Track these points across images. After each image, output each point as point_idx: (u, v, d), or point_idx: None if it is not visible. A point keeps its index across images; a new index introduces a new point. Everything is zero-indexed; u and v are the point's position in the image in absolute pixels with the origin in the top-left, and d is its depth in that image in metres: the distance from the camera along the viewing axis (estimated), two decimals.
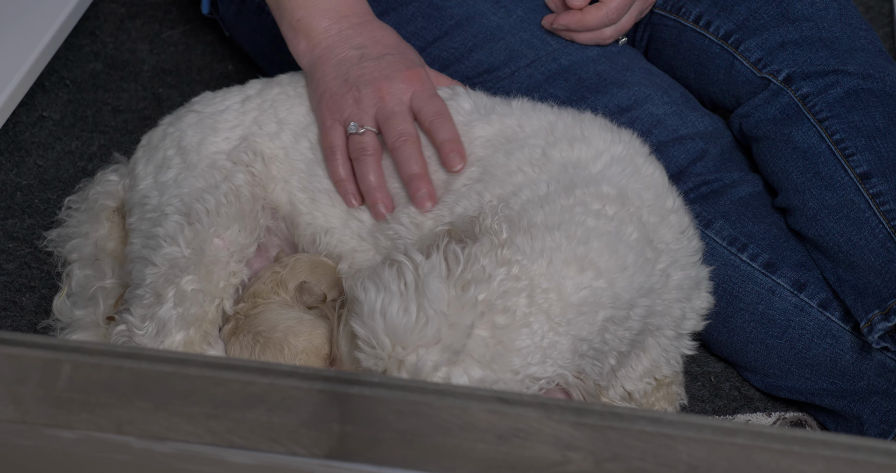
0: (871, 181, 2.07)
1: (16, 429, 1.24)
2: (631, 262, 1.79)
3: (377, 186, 1.99)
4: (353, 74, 2.03)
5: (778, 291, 2.11)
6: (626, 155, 1.93)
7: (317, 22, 2.09)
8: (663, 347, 1.92)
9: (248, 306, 2.03)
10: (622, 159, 1.91)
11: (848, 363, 2.09)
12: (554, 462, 1.19)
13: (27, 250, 2.39)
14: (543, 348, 1.71)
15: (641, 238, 1.83)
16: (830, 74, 2.15)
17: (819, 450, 1.17)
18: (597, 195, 1.84)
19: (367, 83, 2.01)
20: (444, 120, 1.97)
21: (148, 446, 1.23)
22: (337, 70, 2.05)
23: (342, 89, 2.03)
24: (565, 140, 1.92)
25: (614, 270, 1.77)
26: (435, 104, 1.99)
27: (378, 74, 2.01)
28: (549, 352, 1.71)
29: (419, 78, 2.02)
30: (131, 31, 2.87)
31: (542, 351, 1.71)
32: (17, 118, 2.63)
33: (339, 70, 2.04)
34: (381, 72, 2.02)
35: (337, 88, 2.03)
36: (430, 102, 1.99)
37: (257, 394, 1.23)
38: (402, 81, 2.01)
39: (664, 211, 1.89)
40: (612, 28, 2.22)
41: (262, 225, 2.07)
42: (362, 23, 2.10)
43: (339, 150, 2.02)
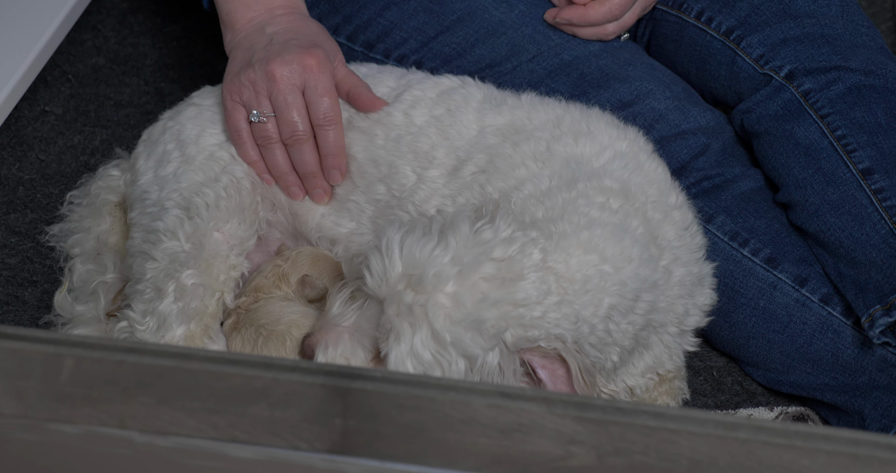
0: (873, 177, 2.07)
1: (18, 424, 1.24)
2: (636, 254, 1.80)
3: (287, 170, 2.05)
4: (256, 57, 2.05)
5: (779, 286, 2.11)
6: (630, 151, 1.93)
7: (241, 14, 2.13)
8: (666, 344, 1.92)
9: (250, 300, 2.03)
10: (625, 155, 1.92)
11: (849, 358, 2.09)
12: (556, 456, 1.19)
13: (29, 245, 2.40)
14: (545, 305, 1.72)
15: (646, 233, 1.83)
16: (832, 71, 2.15)
17: (821, 445, 1.17)
18: (600, 189, 1.85)
19: (262, 62, 2.02)
20: (332, 126, 2.01)
21: (150, 440, 1.23)
22: (244, 55, 2.07)
23: (242, 70, 2.05)
24: (570, 135, 1.93)
25: (619, 259, 1.78)
26: (325, 103, 2.01)
27: (274, 55, 2.03)
28: (549, 310, 1.72)
29: (316, 60, 2.02)
30: (133, 25, 2.87)
31: (542, 306, 1.72)
32: (20, 113, 2.63)
33: (246, 55, 2.07)
34: (276, 53, 2.03)
35: (238, 69, 2.06)
36: (321, 98, 2.01)
37: (259, 389, 1.23)
38: (296, 62, 2.02)
39: (667, 207, 1.90)
40: (614, 24, 2.22)
41: (261, 217, 2.07)
42: (286, 14, 2.12)
43: (244, 132, 2.06)
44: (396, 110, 2.04)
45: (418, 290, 1.70)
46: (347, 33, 2.32)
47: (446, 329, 1.69)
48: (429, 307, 1.69)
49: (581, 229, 1.79)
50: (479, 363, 1.70)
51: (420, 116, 2.02)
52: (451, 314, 1.70)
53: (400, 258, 1.73)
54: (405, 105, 2.04)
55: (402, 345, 1.71)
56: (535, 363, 1.74)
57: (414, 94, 2.05)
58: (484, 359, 1.70)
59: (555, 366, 1.74)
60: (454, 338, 1.69)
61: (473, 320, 1.69)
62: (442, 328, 1.69)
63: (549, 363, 1.74)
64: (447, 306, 1.70)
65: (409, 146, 2.01)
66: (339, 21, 2.33)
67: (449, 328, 1.69)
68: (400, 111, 2.04)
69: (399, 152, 2.02)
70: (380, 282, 1.74)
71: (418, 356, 1.70)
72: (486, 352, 1.70)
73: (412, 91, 2.06)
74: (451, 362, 1.70)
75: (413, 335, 1.70)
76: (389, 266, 1.73)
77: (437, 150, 1.99)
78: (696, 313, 1.93)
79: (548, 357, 1.74)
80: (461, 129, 1.99)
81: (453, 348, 1.69)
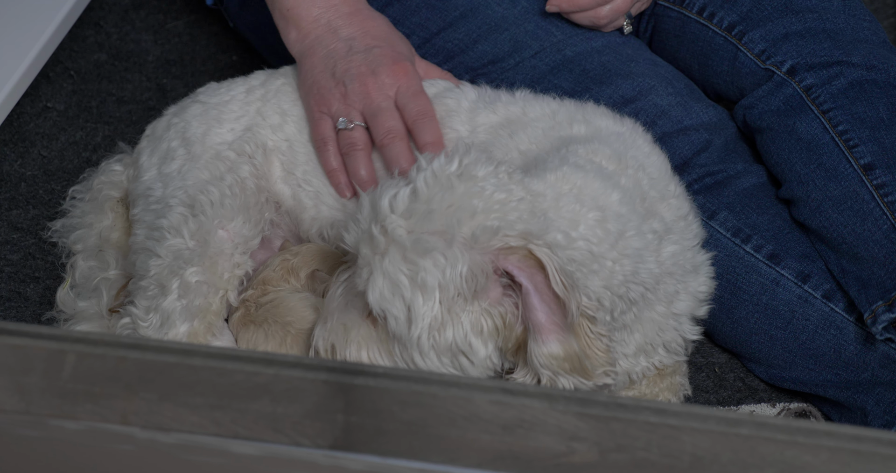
0: (875, 172, 2.07)
1: (20, 420, 1.24)
2: (617, 197, 1.79)
3: (368, 180, 2.02)
4: (339, 68, 2.04)
5: (782, 282, 2.11)
6: (630, 136, 1.94)
7: (306, 11, 2.10)
8: (657, 324, 1.91)
9: (258, 293, 2.02)
10: (623, 135, 1.93)
11: (852, 354, 2.09)
12: (558, 452, 1.19)
13: (31, 241, 2.40)
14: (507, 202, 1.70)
15: (635, 192, 1.83)
16: (834, 66, 2.15)
17: (823, 441, 1.17)
18: (593, 150, 1.86)
19: (353, 78, 2.02)
20: (427, 120, 1.99)
21: (152, 436, 1.23)
22: (325, 63, 2.05)
23: (329, 83, 2.04)
24: (566, 122, 1.94)
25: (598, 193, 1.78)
26: (419, 102, 2.01)
27: (364, 68, 2.02)
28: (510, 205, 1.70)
29: (405, 72, 2.03)
30: (136, 21, 2.87)
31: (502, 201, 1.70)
32: (22, 109, 2.63)
33: (327, 63, 2.05)
34: (367, 66, 2.03)
35: (325, 82, 2.04)
36: (414, 99, 2.01)
37: (262, 385, 1.23)
38: (387, 76, 2.02)
39: (666, 191, 1.90)
40: (607, 7, 2.21)
41: (266, 217, 2.07)
42: (352, 12, 2.10)
43: (330, 141, 2.04)
44: None
45: (378, 220, 1.71)
46: None
47: (406, 239, 1.68)
48: (388, 226, 1.69)
49: (562, 166, 1.79)
50: (448, 271, 1.68)
51: None
52: (409, 226, 1.69)
53: (369, 202, 1.73)
54: None
55: (374, 275, 1.71)
56: (510, 267, 1.69)
57: None
58: (452, 264, 1.67)
59: (532, 271, 1.69)
60: (413, 242, 1.68)
61: (425, 216, 1.69)
62: (403, 240, 1.68)
63: (526, 266, 1.69)
64: (406, 221, 1.69)
65: None
66: None
67: (408, 237, 1.69)
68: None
69: None
70: (355, 233, 1.75)
71: (392, 280, 1.70)
72: (447, 249, 1.68)
73: None
74: (421, 271, 1.68)
75: (383, 260, 1.70)
76: (361, 217, 1.74)
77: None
78: (687, 298, 1.92)
79: (522, 260, 1.69)
80: (452, 134, 1.99)
81: (416, 254, 1.68)
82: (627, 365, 1.93)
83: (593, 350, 1.72)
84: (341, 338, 1.80)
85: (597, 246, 1.75)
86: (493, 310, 1.72)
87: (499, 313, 1.72)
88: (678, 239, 1.88)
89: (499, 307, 1.72)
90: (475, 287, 1.69)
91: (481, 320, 1.72)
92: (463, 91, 2.04)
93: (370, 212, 1.73)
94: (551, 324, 1.68)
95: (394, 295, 1.70)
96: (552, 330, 1.68)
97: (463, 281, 1.68)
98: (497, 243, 1.69)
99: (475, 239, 1.69)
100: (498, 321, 1.72)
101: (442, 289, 1.69)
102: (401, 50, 2.07)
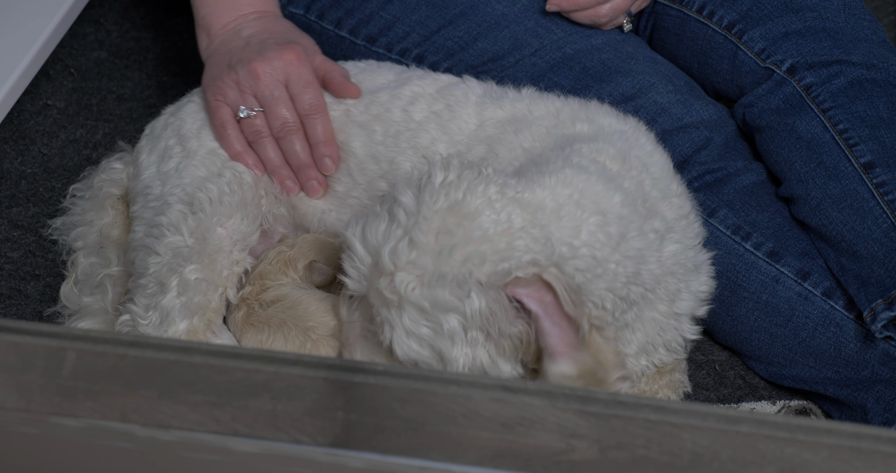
0: (875, 171, 2.07)
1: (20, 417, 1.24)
2: (619, 200, 1.79)
3: (280, 163, 2.07)
4: (234, 59, 2.07)
5: (782, 280, 2.11)
6: (633, 134, 1.94)
7: (217, 19, 2.16)
8: (659, 324, 1.91)
9: (257, 289, 2.02)
10: (626, 133, 1.93)
11: (851, 351, 2.09)
12: (558, 450, 1.19)
13: (32, 239, 2.40)
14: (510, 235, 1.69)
15: (637, 194, 1.83)
16: (834, 65, 2.15)
17: (823, 439, 1.17)
18: (596, 150, 1.85)
19: (244, 64, 2.05)
20: (318, 115, 2.03)
21: (152, 434, 1.23)
22: (224, 59, 2.09)
23: (224, 73, 2.07)
24: (569, 120, 1.94)
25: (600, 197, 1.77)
26: (309, 94, 2.03)
27: (254, 54, 2.05)
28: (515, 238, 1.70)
29: (295, 54, 2.04)
30: (136, 19, 2.87)
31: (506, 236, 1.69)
32: (22, 107, 2.63)
33: (225, 59, 2.09)
34: (257, 52, 2.06)
35: (219, 72, 2.08)
36: (304, 90, 2.04)
37: (262, 382, 1.23)
38: (276, 59, 2.04)
39: (668, 191, 1.90)
40: (608, 6, 2.21)
41: (265, 212, 2.07)
42: (259, 17, 2.15)
43: (229, 125, 2.07)
44: (395, 106, 2.05)
45: (385, 273, 1.70)
46: (350, 27, 2.32)
47: (422, 297, 1.69)
48: (398, 285, 1.69)
49: (563, 168, 1.79)
50: (468, 312, 1.68)
51: (419, 111, 2.03)
52: (419, 281, 1.69)
53: (365, 251, 1.73)
54: (403, 101, 2.05)
55: (396, 331, 1.71)
56: (520, 295, 1.70)
57: (413, 89, 2.06)
58: (470, 307, 1.68)
59: (541, 293, 1.69)
60: (431, 301, 1.68)
61: (439, 276, 1.68)
62: (417, 298, 1.69)
63: (534, 292, 1.69)
64: (413, 275, 1.69)
65: (408, 142, 2.02)
66: (341, 15, 2.33)
67: (423, 294, 1.69)
68: (398, 107, 2.04)
69: (399, 148, 2.02)
70: (358, 280, 1.75)
71: (415, 334, 1.71)
72: (466, 299, 1.68)
73: (411, 87, 2.06)
74: (444, 323, 1.69)
75: (400, 317, 1.70)
76: (359, 262, 1.74)
77: (437, 144, 1.99)
78: (689, 298, 1.92)
79: (530, 286, 1.70)
80: (461, 123, 1.99)
81: (436, 310, 1.69)
82: (629, 365, 1.94)
83: (606, 357, 1.72)
84: None
85: (599, 251, 1.75)
86: (510, 331, 1.72)
87: (514, 333, 1.72)
88: (680, 238, 1.88)
89: (514, 329, 1.72)
90: (497, 323, 1.71)
91: (502, 343, 1.73)
92: (469, 85, 2.04)
93: (368, 257, 1.73)
94: (563, 346, 1.69)
95: (421, 347, 1.72)
96: (564, 352, 1.69)
97: (483, 319, 1.70)
98: (508, 279, 1.70)
99: (490, 285, 1.69)
100: (515, 341, 1.73)
101: (465, 330, 1.70)
102: (296, 39, 2.09)
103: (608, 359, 1.72)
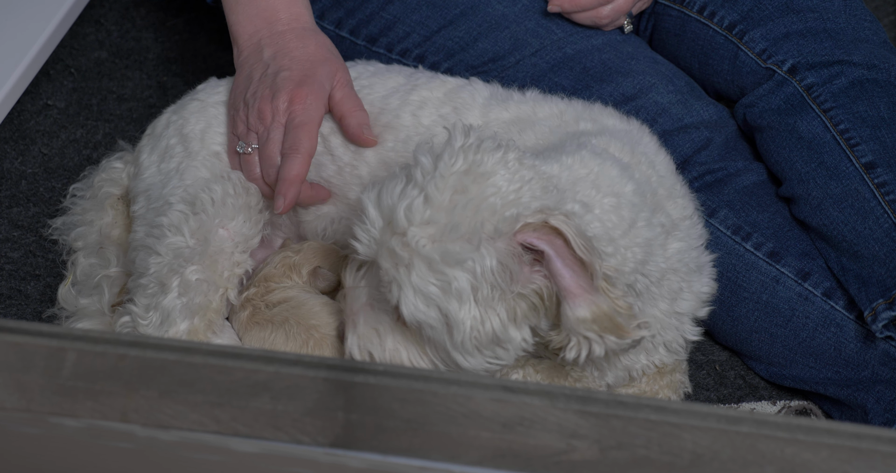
0: (876, 171, 2.07)
1: (21, 418, 1.24)
2: (631, 188, 1.79)
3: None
4: (250, 92, 2.06)
5: (782, 280, 2.11)
6: (637, 134, 1.95)
7: (243, 28, 2.13)
8: (660, 322, 1.91)
9: (262, 290, 2.02)
10: (631, 133, 1.94)
11: (852, 352, 2.09)
12: (558, 450, 1.19)
13: (32, 239, 2.40)
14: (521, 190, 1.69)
15: (646, 185, 1.83)
16: (835, 65, 2.15)
17: (823, 439, 1.17)
18: (605, 142, 1.85)
19: (256, 101, 2.05)
20: (294, 156, 2.00)
21: (152, 434, 1.23)
22: (244, 84, 2.09)
23: (240, 106, 2.08)
24: (573, 120, 1.94)
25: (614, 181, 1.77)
26: (295, 135, 2.01)
27: (267, 91, 2.04)
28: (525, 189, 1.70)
29: (301, 97, 2.02)
30: (136, 19, 2.87)
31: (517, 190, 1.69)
32: (22, 107, 2.63)
33: (246, 85, 2.08)
34: (270, 89, 2.04)
35: (239, 105, 2.08)
36: (294, 131, 2.01)
37: (262, 382, 1.23)
38: (284, 100, 2.03)
39: (673, 191, 1.90)
40: (609, 7, 2.21)
41: (266, 218, 2.07)
42: (285, 30, 2.11)
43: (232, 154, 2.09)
44: (405, 112, 2.04)
45: (397, 232, 1.70)
46: (350, 28, 2.32)
47: (433, 250, 1.68)
48: (410, 240, 1.68)
49: (580, 150, 1.79)
50: (479, 269, 1.68)
51: (427, 116, 2.03)
52: (431, 236, 1.68)
53: (378, 213, 1.72)
54: (413, 106, 2.04)
55: (404, 289, 1.70)
56: (530, 238, 1.69)
57: (421, 94, 2.05)
58: (481, 264, 1.67)
59: (551, 237, 1.68)
60: (441, 254, 1.67)
61: (451, 228, 1.67)
62: (429, 251, 1.68)
63: (544, 235, 1.68)
64: (426, 232, 1.68)
65: None
66: (341, 15, 2.33)
67: (434, 248, 1.68)
68: (408, 113, 2.04)
69: (409, 154, 2.01)
70: (368, 244, 1.74)
71: (424, 293, 1.69)
72: (475, 252, 1.67)
73: (420, 91, 2.06)
74: (453, 280, 1.68)
75: (410, 274, 1.69)
76: (370, 225, 1.73)
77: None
78: (690, 298, 1.92)
79: (540, 231, 1.69)
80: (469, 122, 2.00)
81: (445, 264, 1.67)
82: (628, 362, 1.93)
83: (621, 305, 1.71)
84: (377, 345, 1.80)
85: (611, 230, 1.75)
86: (525, 290, 1.71)
87: (532, 290, 1.71)
88: (684, 236, 1.88)
89: (531, 285, 1.71)
90: (509, 276, 1.69)
91: (515, 305, 1.71)
92: (475, 88, 2.04)
93: (380, 219, 1.72)
94: (577, 288, 1.67)
95: (428, 307, 1.70)
96: (579, 294, 1.67)
97: (496, 275, 1.68)
98: (517, 227, 1.69)
99: (499, 233, 1.68)
100: (534, 298, 1.71)
101: (475, 290, 1.69)
102: (313, 74, 2.06)
103: (624, 307, 1.71)
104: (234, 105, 2.09)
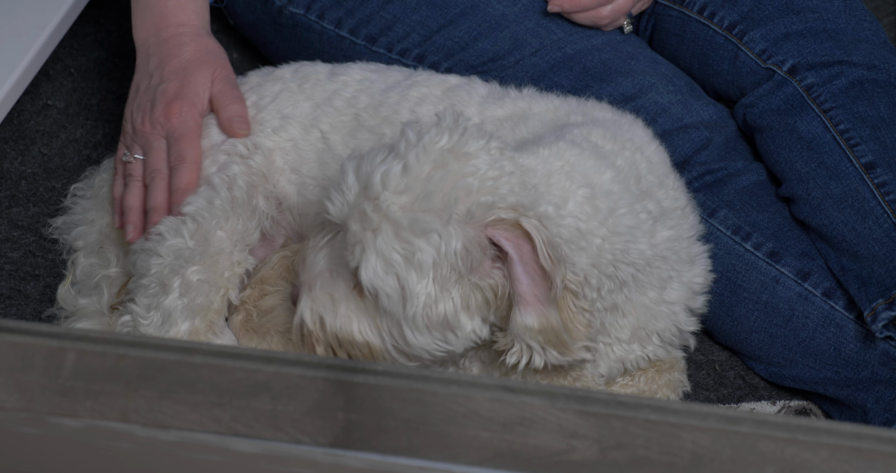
0: (876, 171, 2.08)
1: (20, 417, 1.24)
2: (610, 176, 1.80)
3: (136, 207, 2.08)
4: (134, 105, 2.12)
5: (782, 280, 2.11)
6: (627, 124, 1.95)
7: (138, 33, 2.19)
8: (650, 310, 1.90)
9: (257, 294, 2.02)
10: (621, 122, 1.94)
11: (852, 352, 2.09)
12: (558, 450, 1.19)
13: (32, 239, 2.40)
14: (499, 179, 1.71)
15: (630, 171, 1.83)
16: (835, 65, 2.15)
17: (823, 439, 1.17)
18: (590, 131, 1.86)
19: (137, 115, 2.11)
20: (182, 166, 2.05)
21: (152, 434, 1.23)
22: (132, 95, 2.15)
23: (127, 117, 2.13)
24: (565, 115, 1.95)
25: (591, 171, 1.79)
26: (179, 147, 2.06)
27: (147, 104, 2.10)
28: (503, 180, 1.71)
29: (177, 112, 2.08)
30: None
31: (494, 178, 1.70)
32: (22, 107, 2.63)
33: (133, 96, 2.14)
34: (150, 103, 2.10)
35: (127, 115, 2.14)
36: (177, 143, 2.06)
37: (262, 382, 1.23)
38: (161, 114, 2.08)
39: (665, 181, 1.91)
40: (609, 7, 2.22)
41: (263, 213, 2.08)
42: (167, 39, 2.15)
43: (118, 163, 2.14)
44: (403, 107, 2.05)
45: (371, 196, 1.70)
46: (350, 27, 2.32)
47: (402, 217, 1.68)
48: (382, 204, 1.69)
49: (557, 141, 1.81)
50: (444, 248, 1.68)
51: (425, 112, 2.03)
52: (402, 203, 1.69)
53: (356, 178, 1.73)
54: (411, 102, 2.05)
55: (367, 252, 1.70)
56: (499, 237, 1.70)
57: (420, 91, 2.06)
58: (447, 242, 1.68)
59: (520, 241, 1.69)
60: (410, 221, 1.68)
61: (424, 197, 1.68)
62: (398, 216, 1.68)
63: (514, 237, 1.70)
64: (400, 200, 1.69)
65: None
66: (341, 15, 2.33)
67: (404, 216, 1.68)
68: (406, 108, 2.04)
69: None
70: (340, 207, 1.74)
71: (386, 259, 1.69)
72: (444, 228, 1.68)
73: (419, 88, 2.06)
74: (417, 251, 1.68)
75: (376, 238, 1.69)
76: (346, 189, 1.73)
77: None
78: (680, 288, 1.92)
79: (511, 232, 1.70)
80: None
81: (412, 233, 1.68)
82: (622, 352, 1.93)
83: (575, 325, 1.72)
84: (330, 310, 1.80)
85: (585, 223, 1.76)
86: (482, 283, 1.72)
87: (489, 285, 1.72)
88: (674, 225, 1.88)
89: (488, 279, 1.72)
90: (470, 262, 1.70)
91: (470, 294, 1.72)
92: (473, 86, 2.04)
93: (357, 185, 1.73)
94: (532, 297, 1.69)
95: (387, 274, 1.70)
96: (531, 303, 1.69)
97: (458, 258, 1.69)
98: (490, 217, 1.70)
99: (470, 216, 1.69)
100: (488, 293, 1.73)
101: (436, 267, 1.69)
102: (188, 83, 2.10)
103: (576, 327, 1.72)
104: (124, 115, 2.14)
